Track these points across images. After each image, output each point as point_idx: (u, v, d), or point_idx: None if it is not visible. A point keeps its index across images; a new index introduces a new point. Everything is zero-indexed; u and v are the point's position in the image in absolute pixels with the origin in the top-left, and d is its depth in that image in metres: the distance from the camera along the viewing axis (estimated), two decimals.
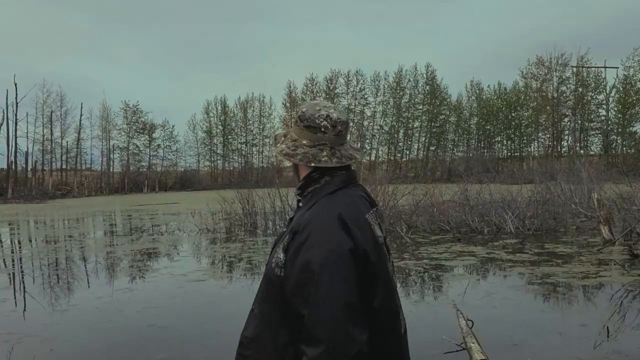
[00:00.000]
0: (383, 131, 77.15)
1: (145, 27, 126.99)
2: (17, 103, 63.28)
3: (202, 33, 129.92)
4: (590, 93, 67.07)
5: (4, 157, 63.36)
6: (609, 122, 65.81)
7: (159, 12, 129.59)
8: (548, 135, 71.55)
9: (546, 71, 68.72)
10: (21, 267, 11.71)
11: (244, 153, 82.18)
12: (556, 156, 59.29)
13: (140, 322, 6.66)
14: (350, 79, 75.90)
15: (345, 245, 1.58)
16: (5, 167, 64.07)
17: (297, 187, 1.85)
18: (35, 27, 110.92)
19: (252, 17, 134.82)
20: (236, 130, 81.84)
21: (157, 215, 27.69)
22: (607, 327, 5.66)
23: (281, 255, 1.65)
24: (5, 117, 62.44)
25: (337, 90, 76.58)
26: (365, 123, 76.41)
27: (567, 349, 5.21)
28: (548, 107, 68.35)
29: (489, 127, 77.16)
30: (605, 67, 62.91)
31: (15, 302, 8.27)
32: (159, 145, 79.67)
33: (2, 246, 16.28)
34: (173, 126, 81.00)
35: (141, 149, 78.64)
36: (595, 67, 63.92)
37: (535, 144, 74.76)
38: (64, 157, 72.74)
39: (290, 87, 78.90)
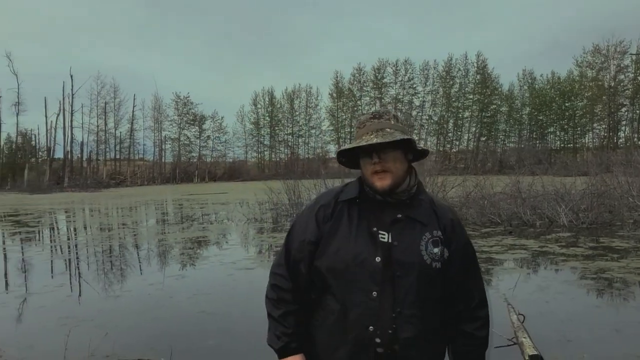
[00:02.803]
0: (432, 121, 76.25)
1: (196, 19, 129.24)
2: (72, 94, 65.65)
3: (251, 25, 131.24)
4: None
5: (61, 147, 65.81)
6: None
7: (208, 4, 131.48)
8: (604, 126, 69.24)
9: (603, 59, 66.36)
10: (77, 253, 12.13)
11: (290, 144, 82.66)
12: (612, 147, 57.18)
13: (190, 308, 6.78)
14: (398, 68, 75.22)
15: None
16: (61, 156, 66.50)
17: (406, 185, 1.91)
18: (89, 20, 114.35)
19: (298, 8, 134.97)
20: (283, 122, 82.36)
21: (206, 204, 28.18)
22: None
23: (435, 250, 1.82)
24: (61, 108, 64.71)
25: (385, 80, 76.05)
26: (414, 113, 75.71)
27: (624, 346, 5.02)
28: (604, 97, 65.98)
29: (541, 118, 75.17)
30: None
31: (71, 287, 8.55)
32: (208, 136, 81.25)
33: (58, 233, 16.89)
34: (222, 117, 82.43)
35: (192, 139, 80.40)
36: None
37: (590, 134, 72.73)
38: (117, 147, 74.95)
39: (337, 77, 78.91)
